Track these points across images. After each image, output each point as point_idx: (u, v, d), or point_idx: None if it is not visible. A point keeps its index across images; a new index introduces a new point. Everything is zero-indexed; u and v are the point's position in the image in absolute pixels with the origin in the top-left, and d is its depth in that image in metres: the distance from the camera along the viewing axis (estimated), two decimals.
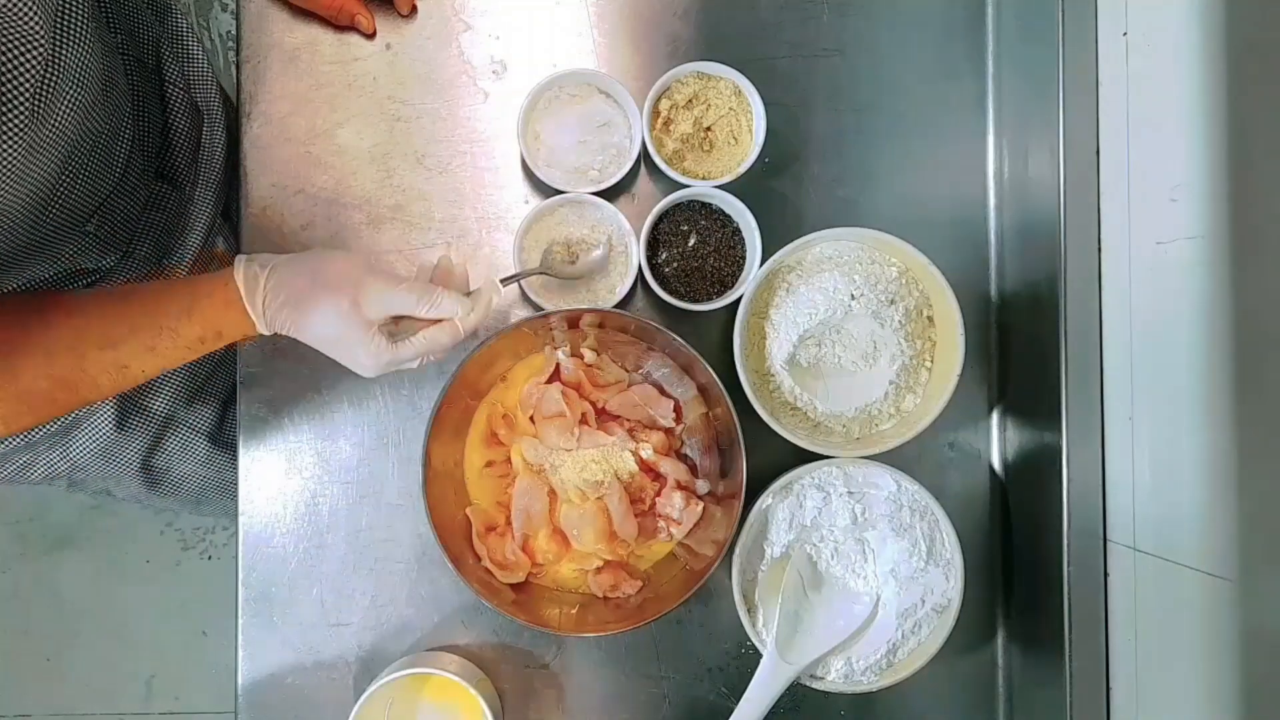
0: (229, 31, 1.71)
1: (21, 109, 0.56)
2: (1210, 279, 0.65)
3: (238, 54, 0.84)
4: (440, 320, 0.69)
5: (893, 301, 0.78)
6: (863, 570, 0.79)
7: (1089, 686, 0.76)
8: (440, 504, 0.75)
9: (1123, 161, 0.75)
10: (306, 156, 0.84)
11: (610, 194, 0.81)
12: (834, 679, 0.77)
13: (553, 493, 0.80)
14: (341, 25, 0.84)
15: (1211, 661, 0.65)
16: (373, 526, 0.83)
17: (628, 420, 0.81)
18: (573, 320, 0.77)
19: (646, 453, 0.79)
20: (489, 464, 0.82)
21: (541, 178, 0.81)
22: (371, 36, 0.84)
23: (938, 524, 0.77)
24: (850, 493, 0.77)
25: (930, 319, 0.80)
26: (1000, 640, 0.86)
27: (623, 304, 0.82)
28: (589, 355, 0.81)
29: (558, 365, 0.80)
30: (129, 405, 0.88)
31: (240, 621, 0.83)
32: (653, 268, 0.80)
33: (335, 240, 0.84)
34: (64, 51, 0.59)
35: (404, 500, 0.83)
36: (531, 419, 0.81)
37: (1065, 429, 0.77)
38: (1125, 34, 0.74)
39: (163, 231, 0.85)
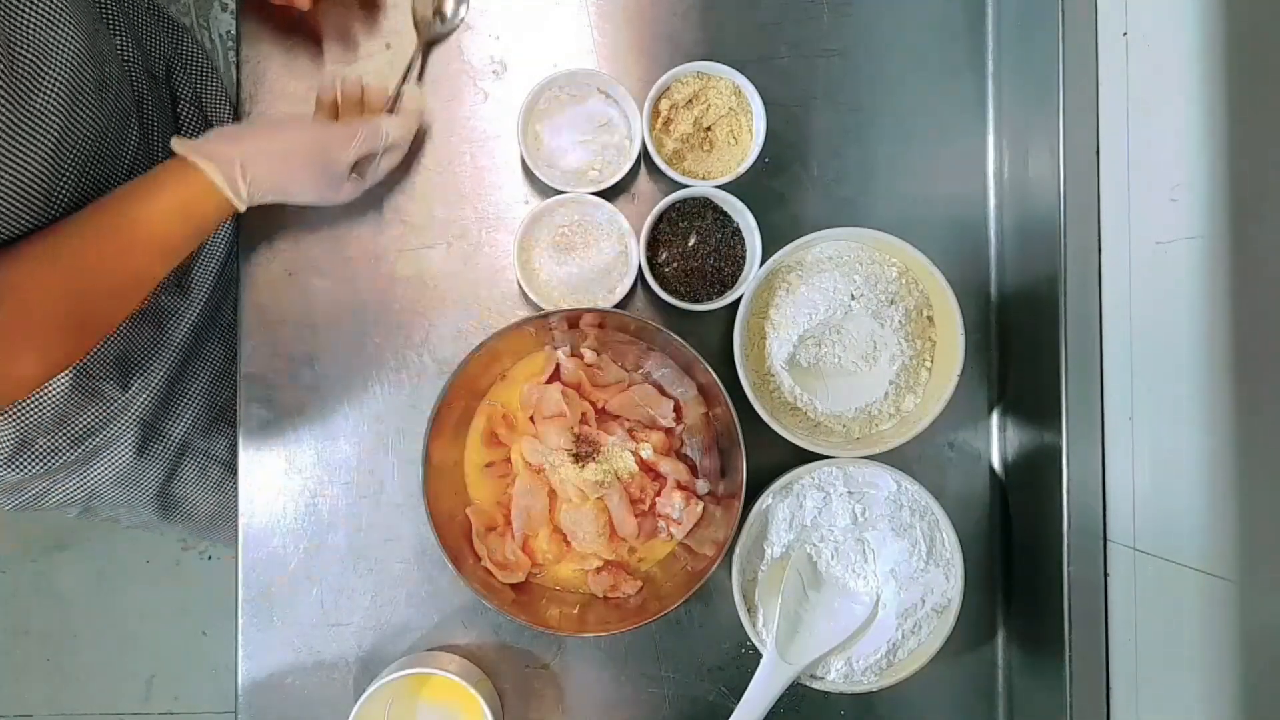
0: (229, 31, 1.71)
1: None
2: (1210, 279, 0.65)
3: (238, 54, 0.84)
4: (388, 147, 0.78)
5: (893, 301, 0.78)
6: (863, 570, 0.79)
7: (1089, 686, 0.76)
8: (440, 504, 0.75)
9: (1123, 161, 0.75)
10: None
11: (610, 194, 0.81)
12: (834, 679, 0.77)
13: (553, 493, 0.80)
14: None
15: (1211, 661, 0.65)
16: (373, 526, 0.83)
17: (628, 420, 0.81)
18: (573, 320, 0.77)
19: (646, 453, 0.79)
20: (489, 464, 0.82)
21: (541, 178, 0.81)
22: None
23: (938, 524, 0.77)
24: (850, 493, 0.77)
25: (930, 319, 0.80)
26: (1000, 640, 0.86)
27: (623, 304, 0.82)
28: (589, 355, 0.81)
29: (558, 365, 0.80)
30: (149, 431, 0.89)
31: (240, 621, 0.83)
32: (653, 268, 0.80)
33: (335, 238, 0.84)
34: (34, 29, 0.59)
35: (404, 500, 0.83)
36: (531, 419, 0.81)
37: (1065, 429, 0.77)
38: (1125, 34, 0.74)
39: None
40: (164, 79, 0.86)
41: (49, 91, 0.61)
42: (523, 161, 0.82)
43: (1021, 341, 0.84)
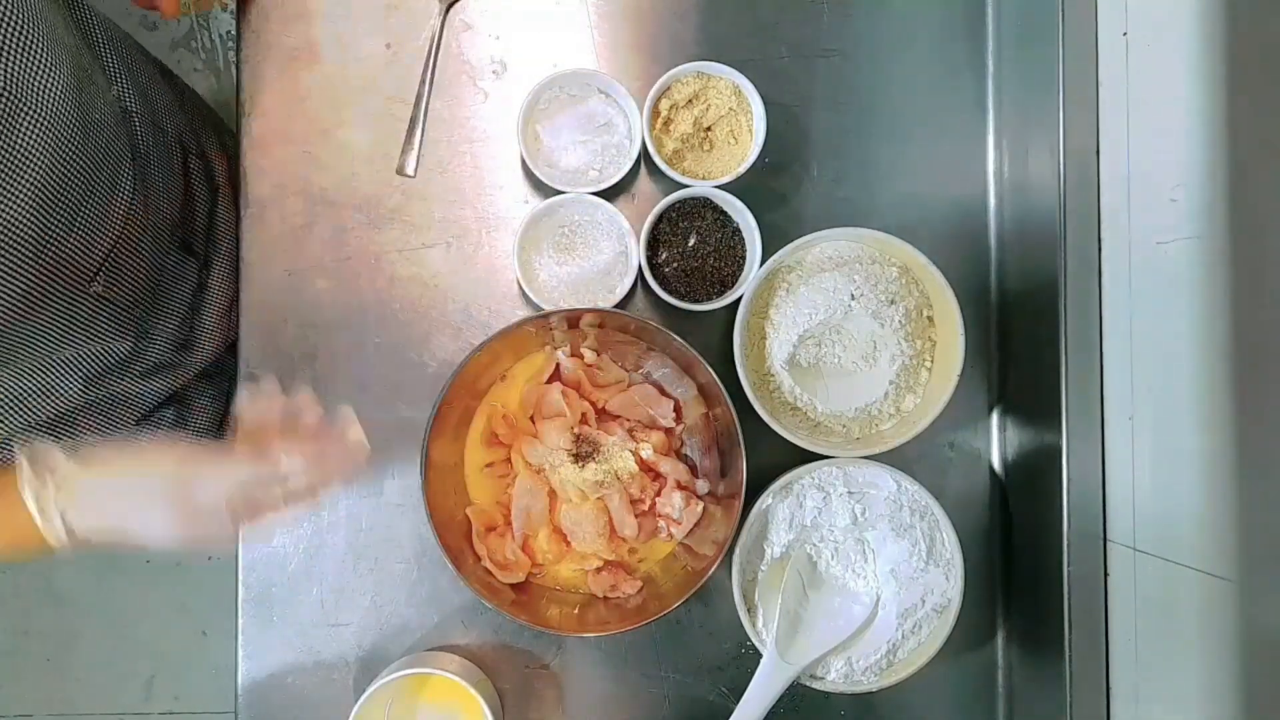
0: (229, 31, 1.71)
1: None
2: (1210, 279, 0.65)
3: (238, 54, 0.84)
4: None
5: (893, 301, 0.78)
6: (863, 570, 0.79)
7: (1089, 686, 0.76)
8: (440, 504, 0.75)
9: (1123, 161, 0.74)
10: (306, 156, 0.84)
11: (610, 194, 0.81)
12: (834, 679, 0.77)
13: (553, 493, 0.80)
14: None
15: (1211, 661, 0.65)
16: (373, 526, 0.83)
17: (628, 420, 0.81)
18: (573, 320, 0.77)
19: (646, 453, 0.79)
20: (489, 464, 0.82)
21: (541, 178, 0.81)
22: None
23: (938, 524, 0.77)
24: (850, 493, 0.77)
25: (930, 319, 0.80)
26: (1000, 640, 0.86)
27: (623, 304, 0.82)
28: (589, 355, 0.81)
29: (558, 365, 0.80)
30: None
31: (240, 621, 0.83)
32: (653, 268, 0.80)
33: (335, 238, 0.84)
34: (8, 65, 0.58)
35: (404, 500, 0.83)
36: (531, 419, 0.81)
37: (1065, 429, 0.77)
38: (1125, 34, 0.74)
39: (187, 308, 0.86)
40: (175, 137, 0.86)
41: (29, 130, 0.60)
42: (523, 161, 0.82)
43: (1021, 341, 0.84)
